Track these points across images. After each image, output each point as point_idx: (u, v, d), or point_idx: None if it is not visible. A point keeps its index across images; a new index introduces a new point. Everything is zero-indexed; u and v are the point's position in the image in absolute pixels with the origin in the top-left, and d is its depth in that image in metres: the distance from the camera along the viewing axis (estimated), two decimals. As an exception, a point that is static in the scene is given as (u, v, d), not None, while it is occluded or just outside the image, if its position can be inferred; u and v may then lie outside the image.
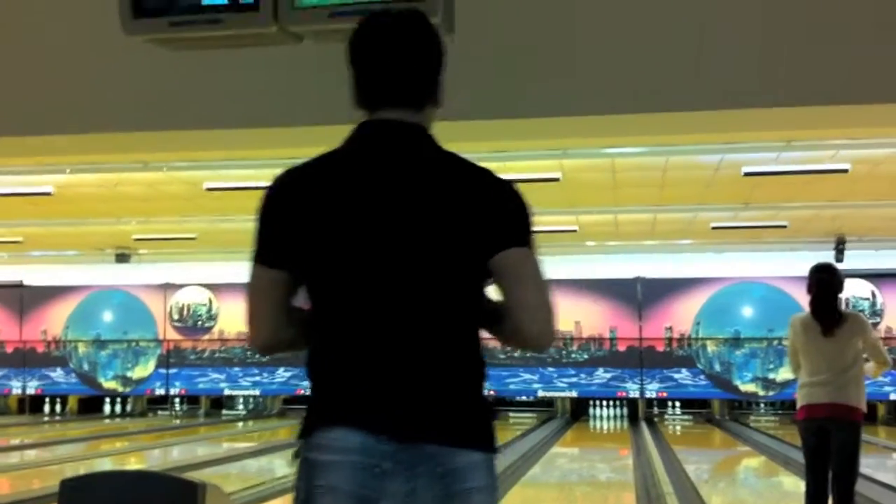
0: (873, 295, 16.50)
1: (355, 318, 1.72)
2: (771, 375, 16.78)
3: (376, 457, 1.65)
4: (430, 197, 1.72)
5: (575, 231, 14.96)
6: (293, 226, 1.75)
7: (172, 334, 18.47)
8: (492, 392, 17.35)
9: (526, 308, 1.71)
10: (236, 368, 18.27)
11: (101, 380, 18.51)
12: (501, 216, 1.73)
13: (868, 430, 14.72)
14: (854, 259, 15.71)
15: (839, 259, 15.60)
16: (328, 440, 1.69)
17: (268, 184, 1.86)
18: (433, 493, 1.66)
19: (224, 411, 18.37)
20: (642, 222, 14.38)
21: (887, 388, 16.25)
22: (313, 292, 1.78)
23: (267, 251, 1.78)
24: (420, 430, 1.67)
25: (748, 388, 16.96)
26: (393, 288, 1.70)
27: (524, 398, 17.54)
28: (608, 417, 17.64)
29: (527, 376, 17.27)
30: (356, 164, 1.77)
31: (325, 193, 1.75)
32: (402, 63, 1.77)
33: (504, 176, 1.81)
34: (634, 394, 17.16)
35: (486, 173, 1.77)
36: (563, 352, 17.20)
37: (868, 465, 10.04)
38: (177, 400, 18.75)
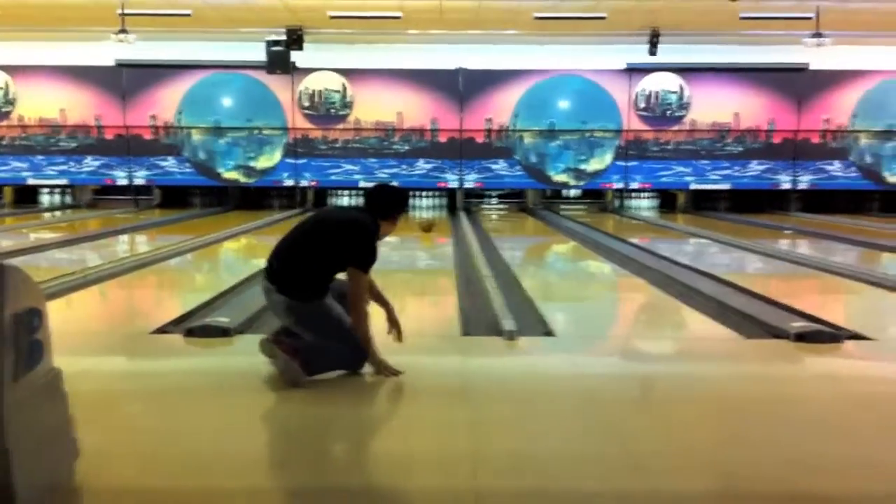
0: (681, 88, 17.26)
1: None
2: (582, 166, 17.54)
3: (266, 287, 4.47)
4: (342, 228, 4.48)
5: (399, 18, 14.62)
6: None
7: (-36, 120, 17.13)
8: (314, 183, 17.32)
9: (349, 296, 4.42)
10: (39, 157, 17.30)
11: None
12: (355, 252, 4.36)
13: (668, 218, 16.10)
14: (666, 53, 16.26)
15: (653, 52, 16.12)
16: (263, 281, 4.53)
17: None
18: (273, 302, 4.46)
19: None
20: (467, 10, 14.20)
21: (687, 178, 17.38)
22: None
23: None
24: (274, 283, 4.42)
25: (560, 178, 17.71)
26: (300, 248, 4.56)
27: (345, 188, 17.66)
28: (428, 208, 18.06)
29: (348, 167, 17.29)
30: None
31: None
32: (376, 198, 4.64)
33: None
34: (454, 184, 17.59)
35: (362, 227, 4.43)
36: (386, 143, 17.23)
37: (669, 249, 10.85)
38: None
